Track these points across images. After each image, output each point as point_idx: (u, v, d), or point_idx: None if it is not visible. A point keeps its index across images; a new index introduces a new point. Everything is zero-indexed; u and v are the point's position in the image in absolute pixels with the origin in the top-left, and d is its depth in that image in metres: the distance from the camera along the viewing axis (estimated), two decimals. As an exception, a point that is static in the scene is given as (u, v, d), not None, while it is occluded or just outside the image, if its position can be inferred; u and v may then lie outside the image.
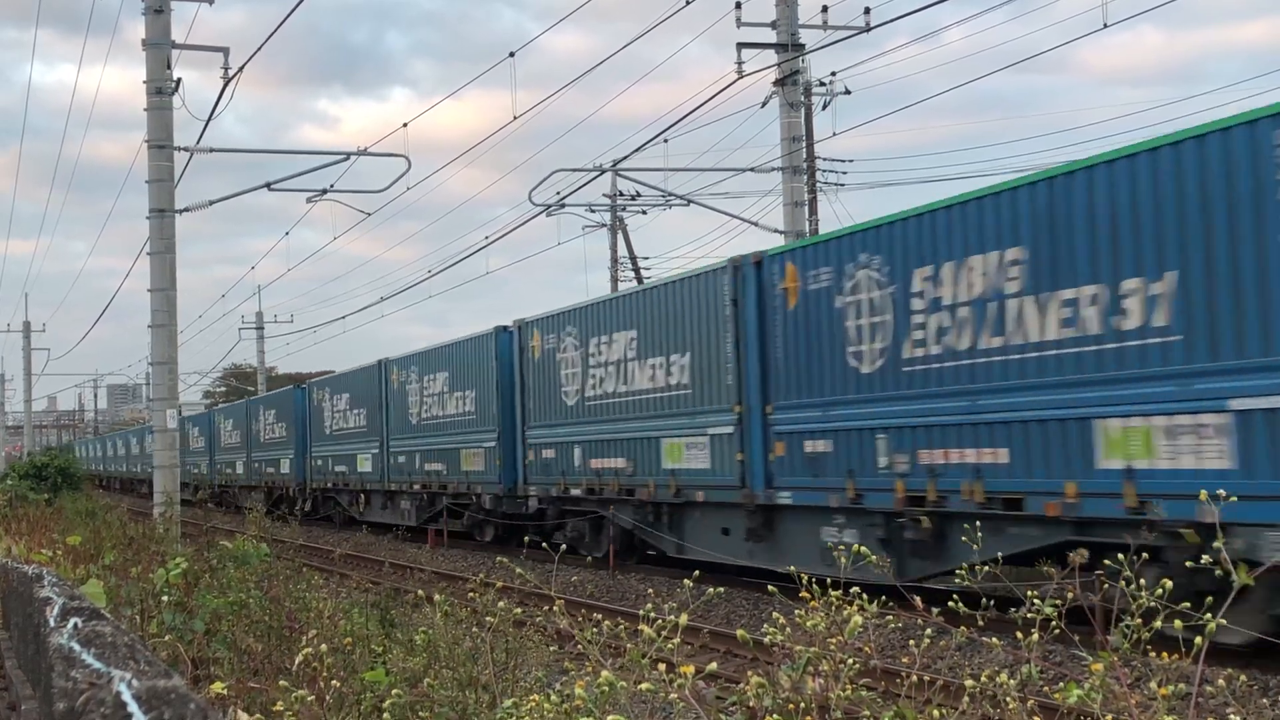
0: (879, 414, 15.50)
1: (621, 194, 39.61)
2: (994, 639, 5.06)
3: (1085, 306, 12.67)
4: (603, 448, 22.19)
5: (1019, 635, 4.64)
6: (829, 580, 5.02)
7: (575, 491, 23.08)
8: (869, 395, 15.64)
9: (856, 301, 15.84)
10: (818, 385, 16.65)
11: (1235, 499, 4.83)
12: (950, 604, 4.88)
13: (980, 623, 4.83)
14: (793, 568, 5.58)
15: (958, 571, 5.39)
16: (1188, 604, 4.37)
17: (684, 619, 4.73)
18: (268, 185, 25.76)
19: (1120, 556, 4.28)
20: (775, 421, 17.58)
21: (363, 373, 35.94)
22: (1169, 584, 4.36)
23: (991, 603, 4.93)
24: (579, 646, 5.34)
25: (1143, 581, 4.27)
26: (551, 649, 8.83)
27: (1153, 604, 4.20)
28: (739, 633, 5.14)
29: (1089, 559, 5.12)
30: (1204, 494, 4.67)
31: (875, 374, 15.53)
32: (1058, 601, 4.45)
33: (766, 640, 4.81)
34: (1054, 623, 4.42)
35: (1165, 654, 4.41)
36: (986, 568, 5.85)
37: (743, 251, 18.54)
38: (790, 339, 17.23)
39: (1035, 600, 4.45)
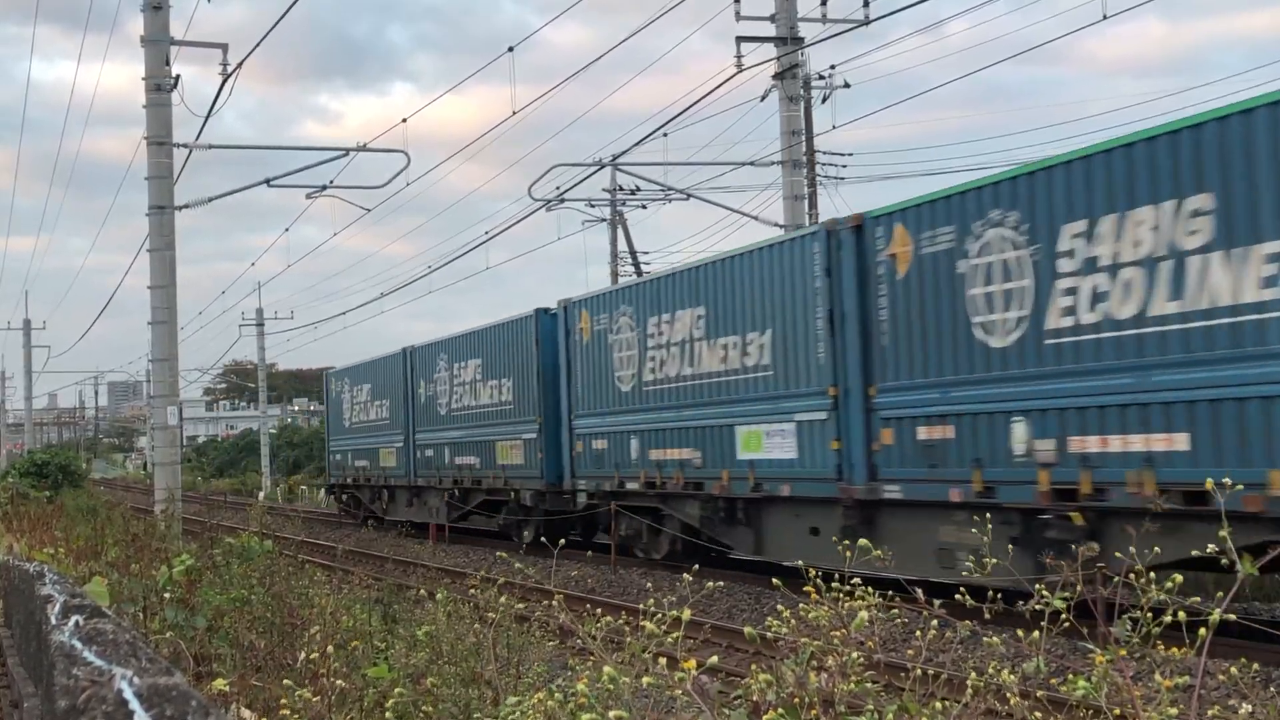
0: (1015, 394, 13.61)
1: (621, 188, 39.60)
2: (992, 636, 5.04)
3: None
4: (665, 437, 20.27)
5: (1020, 633, 4.62)
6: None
7: (631, 485, 21.17)
8: (1001, 373, 13.81)
9: (986, 265, 13.94)
10: (935, 363, 14.76)
11: None
12: (957, 596, 4.85)
13: (988, 616, 4.80)
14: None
15: (966, 561, 5.31)
16: (1198, 599, 4.34)
17: (687, 614, 4.71)
18: (267, 182, 25.76)
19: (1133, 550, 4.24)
20: (880, 405, 15.62)
21: (385, 362, 34.18)
22: (1179, 579, 4.33)
23: (999, 595, 4.90)
24: (581, 641, 5.33)
25: (1152, 575, 4.24)
26: (553, 643, 8.81)
27: (1162, 597, 4.18)
28: (746, 629, 5.13)
29: None
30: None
31: (1011, 348, 13.68)
32: (1067, 595, 4.40)
33: (770, 635, 4.79)
34: (1063, 615, 4.37)
35: (1175, 649, 4.39)
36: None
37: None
38: (900, 311, 15.27)
39: (1044, 593, 4.42)
